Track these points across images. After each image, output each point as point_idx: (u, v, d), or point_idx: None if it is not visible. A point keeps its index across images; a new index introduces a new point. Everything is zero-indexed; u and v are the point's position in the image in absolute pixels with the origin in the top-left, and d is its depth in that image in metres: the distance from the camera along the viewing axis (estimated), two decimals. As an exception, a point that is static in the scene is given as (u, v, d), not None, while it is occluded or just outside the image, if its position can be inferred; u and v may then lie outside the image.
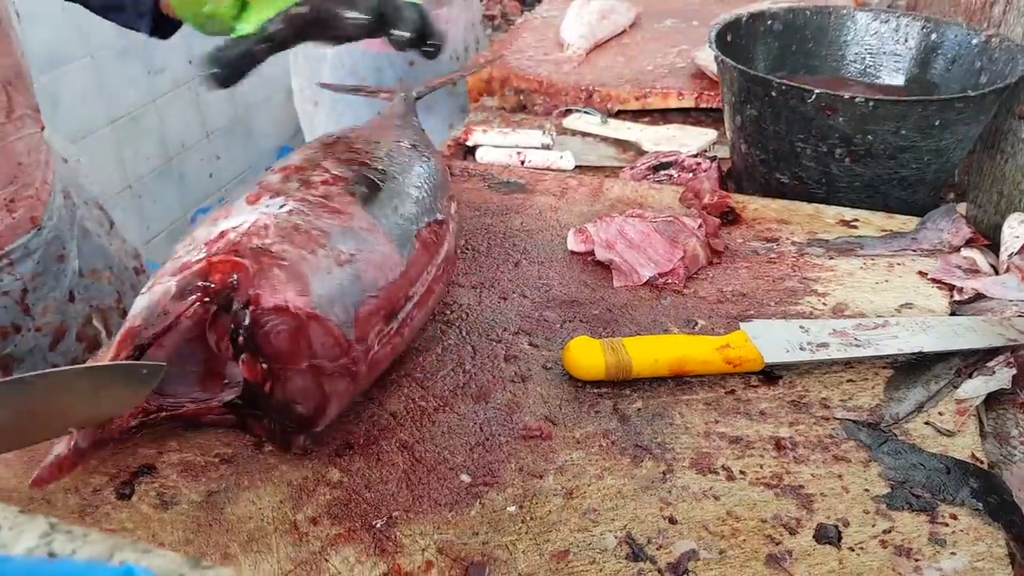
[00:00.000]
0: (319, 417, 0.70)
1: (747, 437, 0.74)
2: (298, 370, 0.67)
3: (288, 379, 0.68)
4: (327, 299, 0.68)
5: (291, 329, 0.66)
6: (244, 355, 0.67)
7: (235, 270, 0.67)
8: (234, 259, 0.67)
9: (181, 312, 0.66)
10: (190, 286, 0.67)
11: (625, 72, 1.64)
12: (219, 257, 0.68)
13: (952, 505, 0.67)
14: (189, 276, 0.67)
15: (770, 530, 0.65)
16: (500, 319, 0.90)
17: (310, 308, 0.66)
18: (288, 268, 0.68)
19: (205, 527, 0.65)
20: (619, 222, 1.00)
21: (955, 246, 1.00)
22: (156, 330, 0.66)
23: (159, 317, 0.66)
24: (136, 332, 0.65)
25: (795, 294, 0.93)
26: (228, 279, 0.67)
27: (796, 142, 1.10)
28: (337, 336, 0.67)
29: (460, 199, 1.14)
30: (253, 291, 0.66)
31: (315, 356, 0.67)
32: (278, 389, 0.68)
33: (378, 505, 0.67)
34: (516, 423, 0.76)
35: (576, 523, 0.65)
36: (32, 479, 0.64)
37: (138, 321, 0.66)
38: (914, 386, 0.79)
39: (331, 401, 0.70)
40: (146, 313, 0.66)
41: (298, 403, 0.69)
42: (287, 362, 0.67)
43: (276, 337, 0.66)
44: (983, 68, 1.17)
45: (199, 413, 0.72)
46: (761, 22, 1.32)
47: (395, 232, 0.79)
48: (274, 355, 0.67)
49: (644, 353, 0.79)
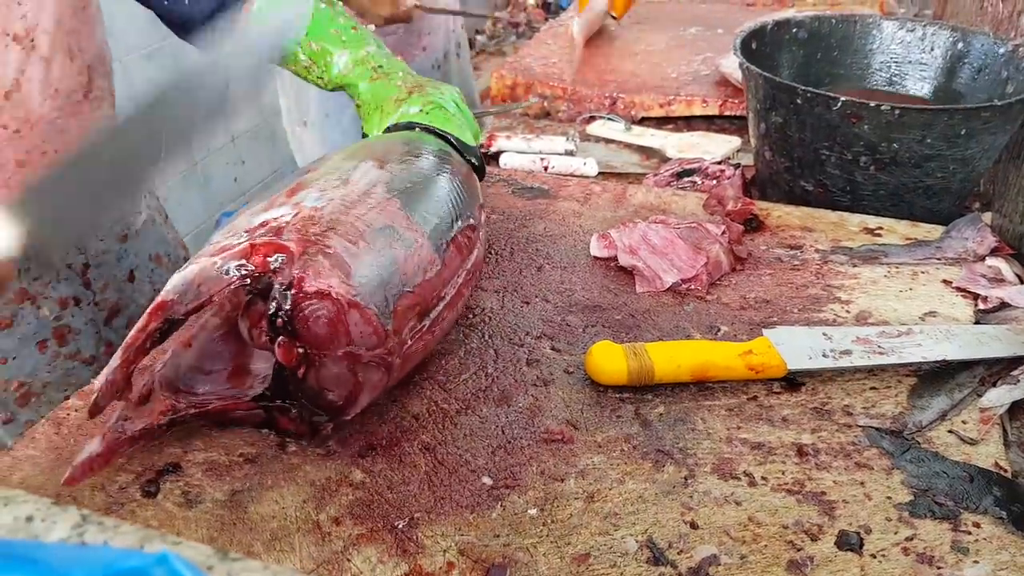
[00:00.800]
0: (350, 405, 0.71)
1: (769, 443, 0.74)
2: (334, 357, 0.68)
3: (323, 365, 0.69)
4: (368, 289, 0.68)
5: (331, 315, 0.67)
6: (281, 338, 0.68)
7: (278, 251, 0.67)
8: (278, 242, 0.68)
9: (218, 290, 0.67)
10: (228, 265, 0.67)
11: (649, 79, 1.64)
12: (263, 239, 0.68)
13: (975, 513, 0.66)
14: (229, 255, 0.67)
15: (791, 536, 0.65)
16: (523, 323, 0.90)
17: (352, 296, 0.67)
18: (332, 256, 0.68)
19: (229, 526, 0.66)
20: (642, 228, 1.00)
21: (980, 255, 1.00)
22: (190, 306, 0.66)
23: (195, 293, 0.66)
24: (168, 305, 0.66)
25: (818, 301, 0.93)
26: (269, 263, 0.67)
27: (821, 149, 1.10)
28: (376, 326, 0.68)
29: (484, 204, 1.14)
30: (297, 273, 0.66)
31: (352, 344, 0.68)
32: (312, 374, 0.69)
33: (400, 506, 0.68)
34: (538, 427, 0.76)
35: (597, 527, 0.66)
36: (64, 478, 0.64)
37: (171, 295, 0.66)
38: (938, 394, 0.79)
39: (363, 390, 0.71)
40: (181, 288, 0.66)
41: (331, 390, 0.70)
42: (324, 347, 0.68)
43: (316, 322, 0.67)
44: (1010, 78, 1.16)
45: (227, 409, 0.73)
46: (786, 30, 1.32)
47: (432, 233, 0.79)
48: (312, 340, 0.68)
49: (666, 358, 0.79)
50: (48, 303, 1.00)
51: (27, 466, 0.71)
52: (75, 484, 0.65)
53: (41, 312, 1.00)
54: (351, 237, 0.71)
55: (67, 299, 1.02)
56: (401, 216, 0.78)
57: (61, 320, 1.01)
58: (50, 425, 0.75)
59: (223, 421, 0.75)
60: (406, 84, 1.03)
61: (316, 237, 0.69)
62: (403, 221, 0.77)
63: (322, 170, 0.84)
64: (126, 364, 0.65)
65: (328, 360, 0.68)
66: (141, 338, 0.65)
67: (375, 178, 0.82)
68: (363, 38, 1.06)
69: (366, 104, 1.04)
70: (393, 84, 1.03)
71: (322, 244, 0.69)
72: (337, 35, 1.04)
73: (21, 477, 0.69)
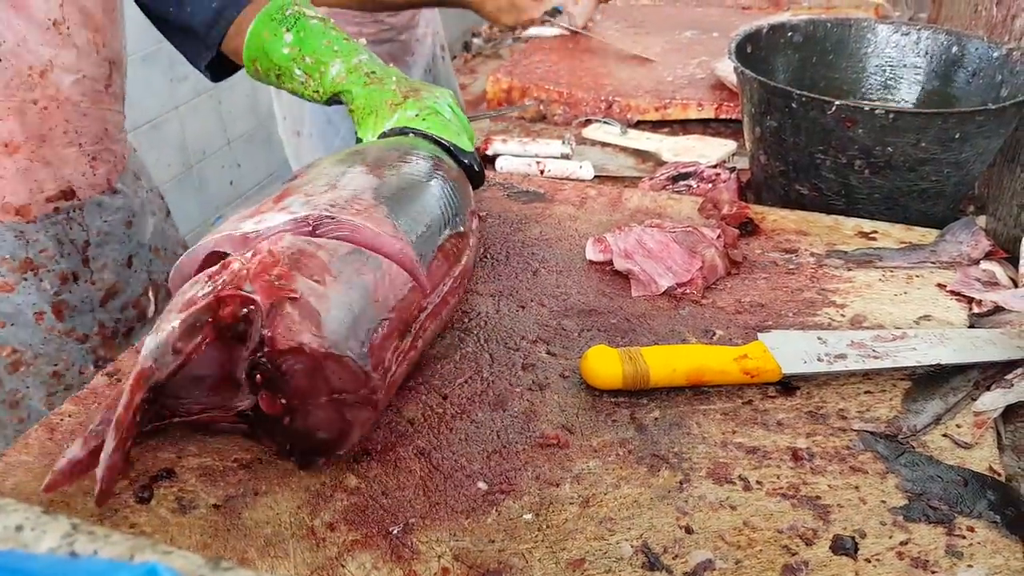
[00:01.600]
0: (342, 442, 0.70)
1: (764, 447, 0.74)
2: (318, 404, 0.67)
3: (308, 412, 0.68)
4: (341, 333, 0.67)
5: (307, 369, 0.66)
6: (263, 392, 0.68)
7: (244, 305, 0.66)
8: (243, 294, 0.66)
9: (191, 350, 0.65)
10: (198, 321, 0.66)
11: (645, 83, 1.64)
12: (227, 292, 0.66)
13: (969, 517, 0.66)
14: (197, 311, 0.66)
15: (786, 541, 0.65)
16: (518, 327, 0.90)
17: (325, 348, 0.65)
18: (300, 303, 0.66)
19: (223, 532, 0.66)
20: (638, 232, 1.00)
21: (974, 259, 1.00)
22: (169, 369, 0.65)
23: (171, 356, 0.65)
24: (148, 374, 0.64)
25: (813, 305, 0.93)
26: (238, 312, 0.66)
27: (816, 153, 1.10)
28: (355, 370, 0.67)
29: (479, 208, 1.14)
30: (268, 333, 0.65)
31: (334, 391, 0.67)
32: (299, 420, 0.68)
33: (395, 511, 0.67)
34: (533, 431, 0.76)
35: (592, 532, 0.66)
36: (44, 484, 0.63)
37: (148, 362, 0.64)
38: (932, 398, 0.79)
39: (354, 428, 0.70)
40: (156, 353, 0.64)
41: (320, 431, 0.69)
42: (306, 398, 0.67)
43: (293, 377, 0.66)
44: (1004, 81, 1.16)
45: (212, 420, 0.72)
46: (781, 34, 1.32)
47: (417, 240, 0.79)
48: (293, 393, 0.67)
49: (662, 363, 0.79)
50: (49, 276, 1.04)
51: (20, 472, 0.71)
52: (55, 490, 0.64)
53: (42, 284, 1.03)
54: (316, 274, 0.69)
55: (67, 274, 1.05)
56: (385, 223, 0.77)
57: (60, 296, 1.05)
58: (43, 430, 0.75)
59: (208, 430, 0.74)
60: (400, 89, 1.04)
61: (280, 283, 0.67)
62: (388, 228, 0.77)
63: (309, 176, 0.83)
64: (121, 444, 0.63)
65: (313, 408, 0.68)
66: (129, 414, 0.63)
67: (363, 185, 0.81)
68: (355, 48, 1.08)
69: (360, 109, 1.04)
70: (388, 89, 1.04)
71: (287, 290, 0.67)
72: (329, 46, 1.06)
73: (14, 483, 0.69)
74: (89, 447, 0.64)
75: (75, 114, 1.00)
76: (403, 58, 2.10)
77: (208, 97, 2.98)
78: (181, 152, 2.92)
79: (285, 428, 0.69)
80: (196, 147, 2.98)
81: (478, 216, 0.99)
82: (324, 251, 0.72)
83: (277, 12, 1.07)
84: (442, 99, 1.03)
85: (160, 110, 2.78)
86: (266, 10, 1.08)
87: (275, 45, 1.07)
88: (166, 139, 2.83)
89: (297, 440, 0.70)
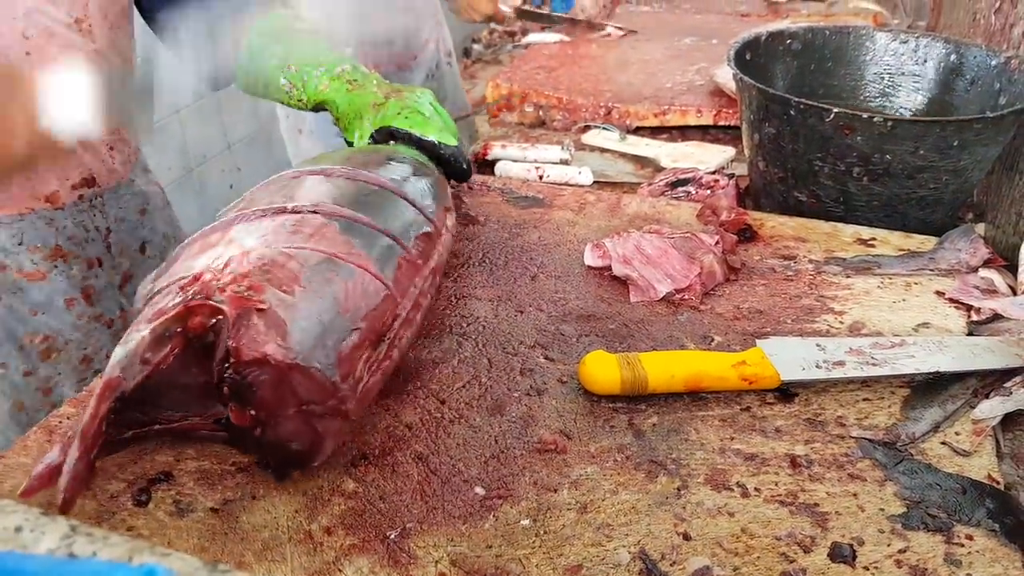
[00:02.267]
0: (315, 453, 0.70)
1: (762, 454, 0.74)
2: (286, 416, 0.67)
3: (278, 424, 0.68)
4: (308, 343, 0.66)
5: (273, 380, 0.65)
6: (232, 404, 0.67)
7: (213, 315, 0.66)
8: (211, 304, 0.66)
9: (159, 360, 0.65)
10: (168, 332, 0.65)
11: (644, 89, 1.65)
12: (196, 302, 0.66)
13: (968, 526, 0.66)
14: (166, 321, 0.65)
15: (784, 548, 0.65)
16: (517, 332, 0.90)
17: (291, 359, 0.65)
18: (267, 314, 0.66)
19: (220, 535, 0.66)
20: (636, 238, 1.00)
21: (973, 266, 1.00)
22: (137, 380, 0.64)
23: (139, 366, 0.64)
24: (116, 384, 0.63)
25: (812, 312, 0.93)
26: (207, 323, 0.66)
27: (814, 160, 1.10)
28: (321, 381, 0.66)
29: (479, 213, 1.15)
30: (233, 344, 0.65)
31: (302, 403, 0.66)
32: (270, 432, 0.68)
33: (392, 516, 0.67)
34: (531, 436, 0.76)
35: (590, 538, 0.66)
36: (22, 489, 0.62)
37: (116, 371, 0.63)
38: (930, 406, 0.79)
39: (325, 439, 0.69)
40: (125, 363, 0.64)
41: (292, 442, 0.69)
42: (274, 410, 0.67)
43: (260, 388, 0.66)
44: (1002, 89, 1.17)
45: (192, 428, 0.72)
46: (780, 41, 1.32)
47: (378, 254, 0.78)
48: (260, 404, 0.67)
49: (660, 368, 0.79)
50: (78, 263, 1.09)
51: (19, 474, 0.70)
52: (32, 495, 0.62)
53: (71, 271, 1.08)
54: (284, 284, 0.69)
55: (93, 260, 1.11)
56: (340, 242, 0.76)
57: (87, 280, 1.10)
58: (42, 432, 0.75)
59: (189, 438, 0.73)
60: (381, 91, 1.07)
61: (248, 293, 0.67)
62: (342, 247, 0.75)
63: (270, 188, 0.83)
64: (86, 454, 0.62)
65: (282, 419, 0.67)
66: (95, 424, 0.62)
67: (319, 194, 0.81)
68: (339, 58, 1.12)
69: (345, 116, 1.08)
70: (369, 91, 1.07)
71: (255, 301, 0.66)
72: (315, 56, 1.11)
73: (13, 485, 0.69)
74: (66, 452, 0.62)
75: None
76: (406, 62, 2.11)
77: (209, 101, 2.98)
78: (182, 155, 2.91)
79: (257, 440, 0.69)
80: (197, 151, 2.97)
81: (452, 212, 0.99)
82: (295, 261, 0.72)
83: (268, 28, 1.14)
84: (423, 98, 1.06)
85: (161, 113, 2.78)
86: (259, 23, 1.14)
87: (263, 56, 1.13)
88: (167, 142, 2.83)
89: (270, 451, 0.70)
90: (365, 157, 0.92)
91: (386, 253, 0.79)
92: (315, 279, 0.71)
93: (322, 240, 0.75)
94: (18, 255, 1.03)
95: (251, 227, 0.76)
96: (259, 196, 0.82)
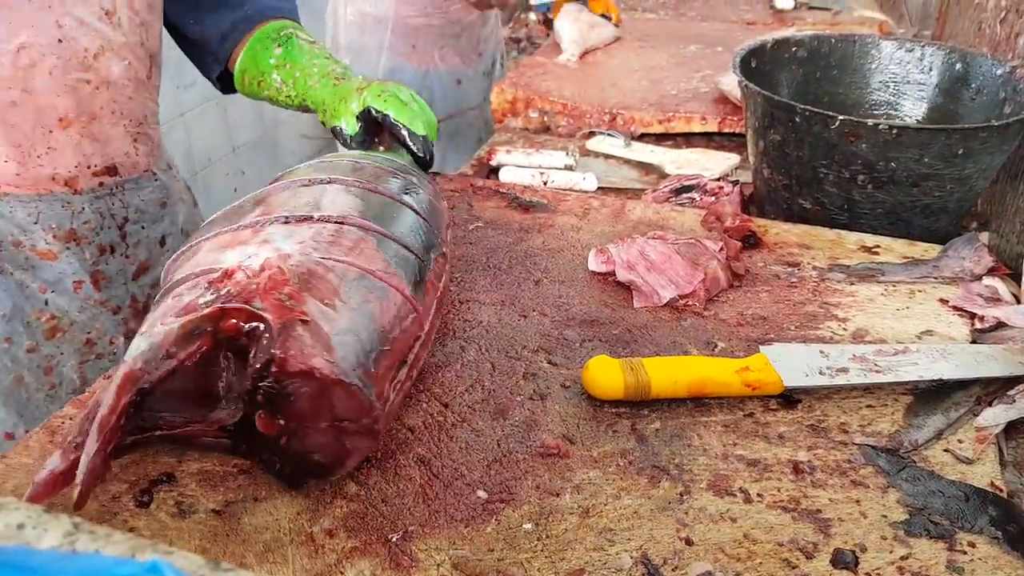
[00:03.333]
0: (338, 468, 0.69)
1: (765, 460, 0.74)
2: (318, 429, 0.66)
3: (307, 435, 0.67)
4: (350, 360, 0.66)
5: (314, 393, 0.64)
6: (261, 411, 0.66)
7: (250, 320, 0.65)
8: (251, 309, 0.65)
9: (185, 357, 0.64)
10: (198, 329, 0.64)
11: (649, 96, 1.65)
12: (234, 305, 0.65)
13: (970, 533, 0.66)
14: (198, 319, 0.64)
15: (787, 554, 0.64)
16: (520, 337, 0.90)
17: (336, 374, 0.64)
18: (310, 326, 0.65)
19: (222, 536, 0.66)
20: (640, 243, 1.00)
21: (977, 274, 1.00)
22: (160, 373, 0.63)
23: (162, 360, 0.63)
24: (137, 376, 0.62)
25: (815, 319, 0.93)
26: (241, 327, 0.65)
27: (819, 168, 1.10)
28: (360, 399, 0.65)
29: (483, 218, 1.15)
30: (278, 353, 0.63)
31: (336, 418, 0.66)
32: (296, 443, 0.67)
33: (394, 519, 0.67)
34: (534, 440, 0.76)
35: (592, 542, 0.65)
36: (27, 495, 0.61)
37: (139, 364, 0.62)
38: (934, 413, 0.79)
39: (352, 455, 0.69)
40: (148, 355, 0.62)
41: (316, 454, 0.68)
42: (307, 422, 0.66)
43: (298, 399, 0.64)
44: (1007, 98, 1.17)
45: (193, 434, 0.71)
46: (786, 49, 1.32)
47: (408, 273, 0.78)
48: (295, 415, 0.66)
49: (663, 374, 0.79)
50: (90, 248, 1.11)
51: (20, 474, 0.70)
52: (40, 501, 0.60)
53: (83, 255, 1.10)
54: (326, 297, 0.68)
55: (105, 246, 1.12)
56: (378, 259, 0.76)
57: (97, 266, 1.12)
58: (44, 433, 0.75)
59: (190, 444, 0.73)
60: (365, 80, 1.13)
61: (291, 303, 0.66)
62: (379, 264, 0.75)
63: (289, 192, 0.83)
64: (104, 447, 0.60)
65: (312, 431, 0.66)
66: (114, 418, 0.61)
67: (346, 205, 0.80)
68: (335, 62, 1.19)
69: (331, 103, 1.12)
70: (353, 82, 1.12)
71: (298, 311, 0.65)
72: (310, 60, 1.17)
73: (14, 485, 0.69)
74: (68, 459, 0.61)
75: (122, 96, 1.08)
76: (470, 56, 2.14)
77: (214, 105, 2.98)
78: (186, 159, 2.92)
79: (280, 448, 0.68)
80: (201, 154, 2.98)
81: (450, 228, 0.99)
82: (333, 274, 0.71)
83: (272, 31, 1.20)
84: (404, 89, 1.10)
85: (166, 117, 2.76)
86: (263, 29, 1.21)
87: (264, 56, 1.19)
88: (171, 146, 2.80)
89: (290, 460, 0.69)
90: (373, 170, 0.92)
91: (415, 274, 0.79)
92: (353, 295, 0.70)
93: (361, 255, 0.75)
94: (33, 233, 1.05)
95: (286, 230, 0.75)
96: (278, 200, 0.81)
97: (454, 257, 1.05)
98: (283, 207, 0.80)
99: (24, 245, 1.05)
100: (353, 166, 0.91)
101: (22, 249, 1.05)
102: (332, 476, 0.70)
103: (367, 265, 0.74)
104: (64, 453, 0.62)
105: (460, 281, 1.00)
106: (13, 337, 1.07)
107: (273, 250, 0.72)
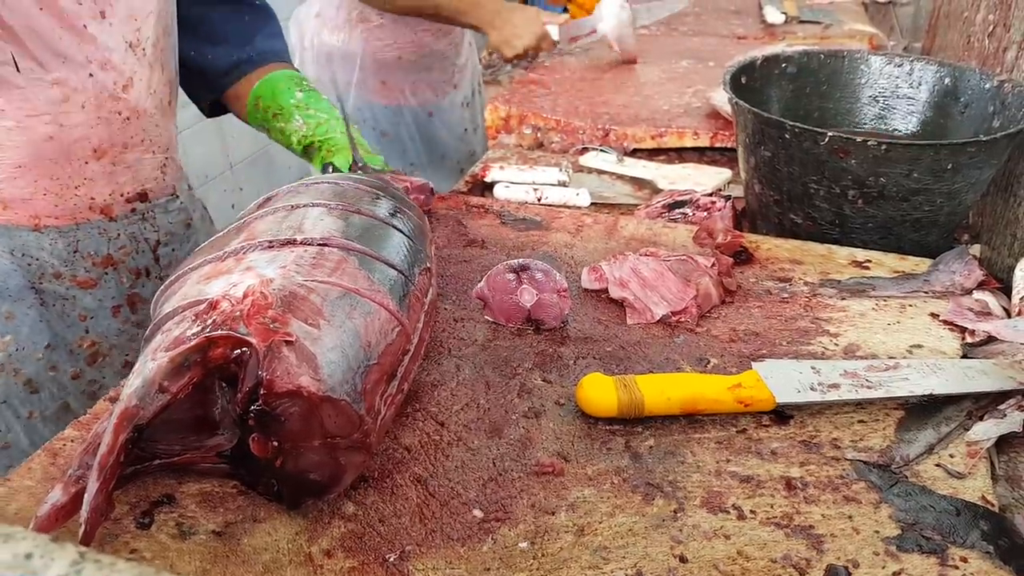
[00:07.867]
0: (334, 484, 0.70)
1: (758, 476, 0.74)
2: (311, 447, 0.67)
3: (301, 455, 0.67)
4: (337, 377, 0.66)
5: (303, 412, 0.65)
6: (254, 434, 0.67)
7: (237, 346, 0.65)
8: (237, 336, 0.65)
9: (178, 389, 0.64)
10: (187, 361, 0.65)
11: (641, 111, 1.66)
12: (219, 333, 0.65)
13: (963, 548, 0.67)
14: (186, 351, 0.65)
15: (780, 570, 0.65)
16: (514, 354, 0.91)
17: (323, 391, 0.65)
18: (296, 346, 0.66)
19: (222, 558, 0.66)
20: (633, 260, 1.01)
21: (967, 288, 1.01)
22: (155, 408, 0.63)
23: (156, 395, 0.63)
24: (132, 414, 0.62)
25: (807, 334, 0.94)
26: (229, 354, 0.65)
27: (809, 183, 1.11)
28: (349, 414, 0.66)
29: (476, 235, 1.16)
30: (266, 375, 0.64)
31: (328, 435, 0.66)
32: (291, 463, 0.68)
33: (391, 539, 0.68)
34: (529, 459, 0.77)
35: (587, 560, 0.66)
36: (32, 526, 0.62)
37: (134, 401, 0.63)
38: (925, 428, 0.79)
39: (347, 471, 0.69)
40: (142, 392, 0.63)
41: (312, 473, 0.69)
42: (300, 441, 0.67)
43: (289, 419, 0.65)
44: (996, 112, 1.18)
45: (192, 461, 0.72)
46: (775, 65, 1.33)
47: (392, 289, 0.78)
48: (286, 436, 0.66)
49: (656, 391, 0.80)
50: (126, 272, 1.15)
51: (23, 496, 0.71)
52: (48, 532, 0.61)
53: (120, 280, 1.15)
54: (310, 318, 0.69)
55: (140, 270, 1.17)
56: (360, 277, 0.76)
57: (134, 289, 1.17)
58: (46, 455, 0.76)
59: (189, 472, 0.74)
60: None
61: (275, 326, 0.67)
62: (363, 282, 0.76)
63: (272, 218, 0.83)
64: (105, 486, 0.61)
65: (305, 450, 0.67)
66: (113, 456, 0.61)
67: (328, 228, 0.81)
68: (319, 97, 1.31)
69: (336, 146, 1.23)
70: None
71: (282, 333, 0.66)
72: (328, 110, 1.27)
73: (17, 508, 0.70)
74: (70, 492, 0.62)
75: (150, 124, 1.12)
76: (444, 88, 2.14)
77: (211, 121, 2.99)
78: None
79: (276, 470, 0.69)
80: (199, 171, 2.99)
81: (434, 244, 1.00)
82: (316, 294, 0.72)
83: (296, 77, 1.31)
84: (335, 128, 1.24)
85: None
86: (288, 72, 1.31)
87: (286, 94, 1.28)
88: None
89: (288, 481, 0.70)
90: (355, 192, 0.92)
91: (399, 289, 0.80)
92: (337, 313, 0.71)
93: (344, 275, 0.75)
94: (73, 263, 1.09)
95: (269, 255, 0.76)
96: (261, 227, 0.82)
97: (448, 276, 1.06)
98: (266, 233, 0.81)
99: (64, 276, 1.09)
100: (334, 189, 0.92)
101: (63, 280, 1.09)
102: (330, 494, 0.71)
103: (350, 284, 0.75)
104: (65, 487, 0.63)
105: (455, 300, 1.01)
106: (58, 365, 1.10)
107: (256, 276, 0.72)
